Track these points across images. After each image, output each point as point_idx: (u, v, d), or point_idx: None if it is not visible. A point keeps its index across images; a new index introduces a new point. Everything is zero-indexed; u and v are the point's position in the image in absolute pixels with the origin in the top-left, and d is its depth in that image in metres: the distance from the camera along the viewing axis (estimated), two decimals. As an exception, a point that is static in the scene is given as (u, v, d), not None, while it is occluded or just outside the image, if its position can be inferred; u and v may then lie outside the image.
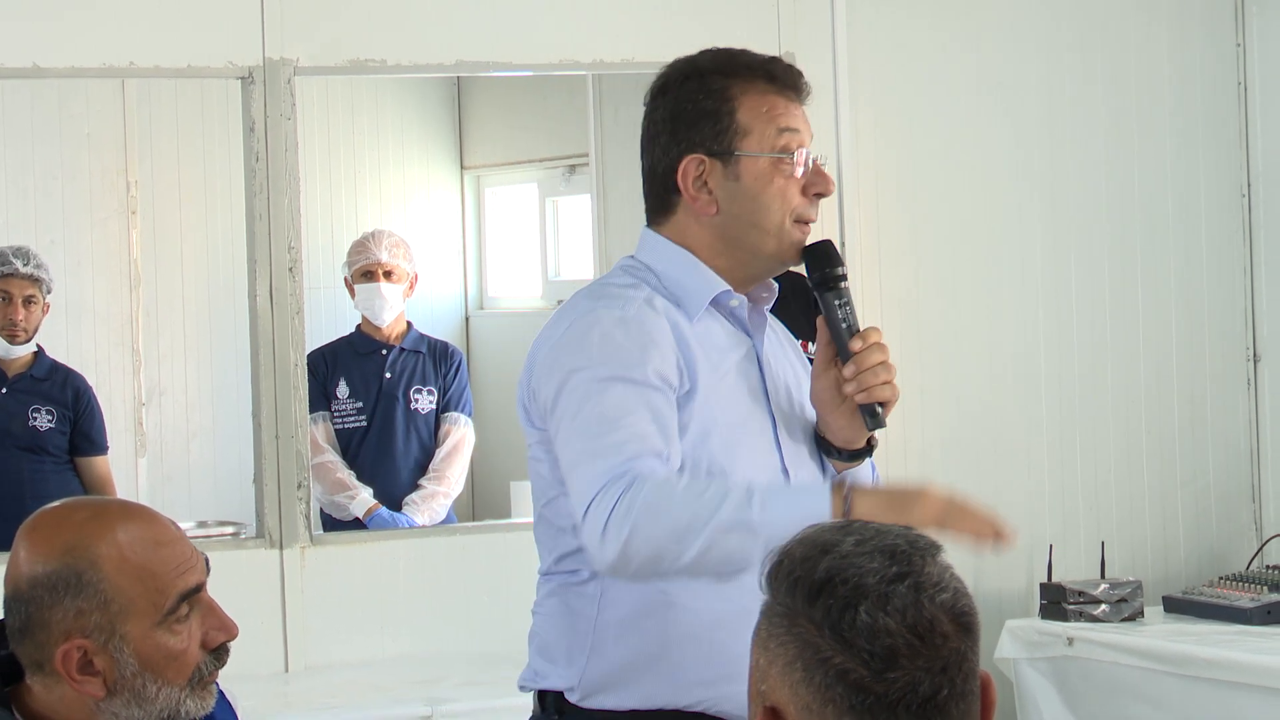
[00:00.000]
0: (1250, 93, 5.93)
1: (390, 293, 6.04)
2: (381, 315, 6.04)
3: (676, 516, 2.65)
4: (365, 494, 5.88)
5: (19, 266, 5.88)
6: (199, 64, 5.09)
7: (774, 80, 2.93)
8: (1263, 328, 5.94)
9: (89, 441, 6.01)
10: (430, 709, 4.65)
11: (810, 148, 2.93)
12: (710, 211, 2.91)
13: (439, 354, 6.14)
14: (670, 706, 2.88)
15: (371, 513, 5.84)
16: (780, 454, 2.94)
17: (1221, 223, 5.94)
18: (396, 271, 6.05)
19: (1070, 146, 5.80)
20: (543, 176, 8.07)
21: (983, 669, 1.81)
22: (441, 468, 6.01)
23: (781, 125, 2.91)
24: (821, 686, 1.75)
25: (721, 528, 2.63)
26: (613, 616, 2.90)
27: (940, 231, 5.67)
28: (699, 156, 2.91)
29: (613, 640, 2.90)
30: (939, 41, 5.68)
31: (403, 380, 6.07)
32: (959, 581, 1.79)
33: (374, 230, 6.23)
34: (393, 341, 6.08)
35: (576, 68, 5.49)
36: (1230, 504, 5.96)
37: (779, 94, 2.92)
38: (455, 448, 6.04)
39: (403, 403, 6.04)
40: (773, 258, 2.93)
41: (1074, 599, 5.35)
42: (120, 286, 7.44)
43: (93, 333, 7.33)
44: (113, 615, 2.31)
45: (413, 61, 5.26)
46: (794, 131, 2.91)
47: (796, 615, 1.77)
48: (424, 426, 6.05)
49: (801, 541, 1.81)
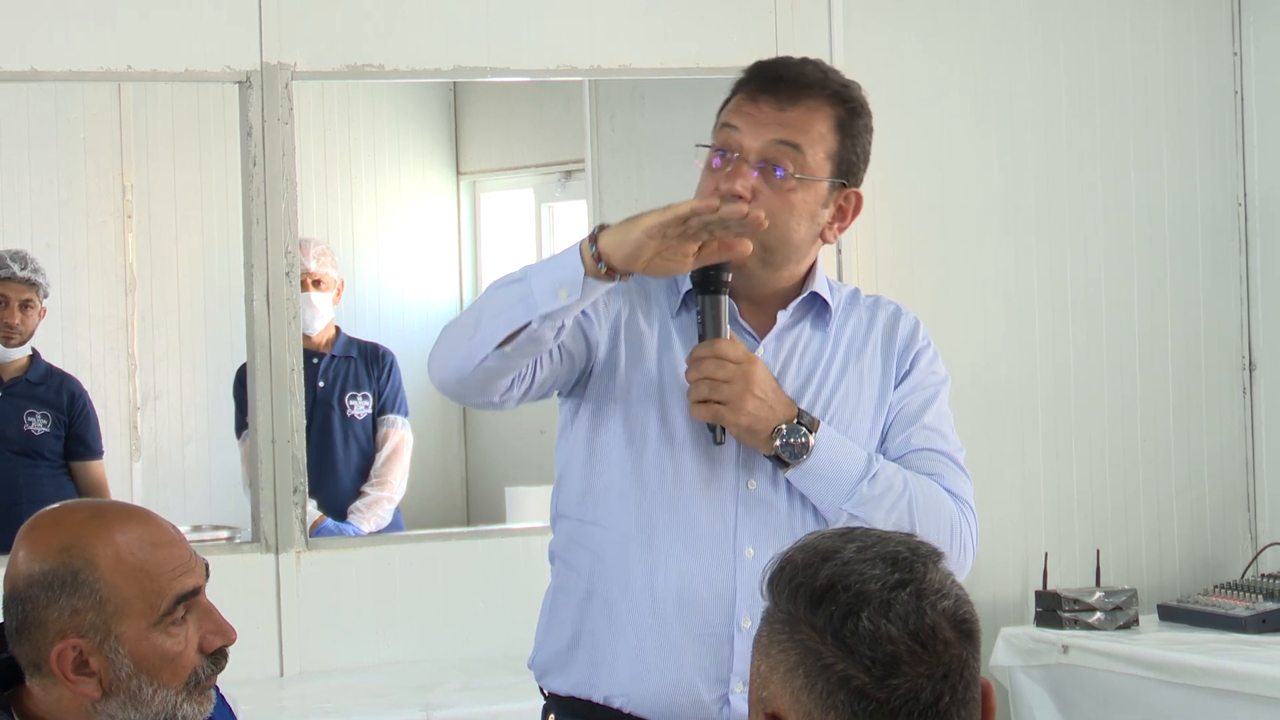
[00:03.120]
0: (1247, 102, 5.94)
1: (320, 301, 6.02)
2: (312, 324, 5.99)
3: (466, 312, 2.80)
4: (310, 506, 5.86)
5: (16, 271, 5.87)
6: (196, 68, 5.08)
7: (755, 79, 2.93)
8: (1258, 336, 5.94)
9: (84, 445, 6.01)
10: (426, 714, 4.64)
11: (759, 149, 2.88)
12: None
13: (370, 357, 6.11)
14: (588, 698, 2.92)
15: (317, 525, 5.78)
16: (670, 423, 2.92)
17: (1217, 231, 5.94)
18: (325, 280, 6.04)
19: (1066, 155, 5.80)
20: (539, 182, 8.06)
21: (983, 676, 1.81)
22: (383, 472, 5.98)
23: (722, 120, 2.94)
24: (823, 693, 1.75)
25: (494, 288, 2.75)
26: (557, 600, 3.00)
27: (934, 239, 5.67)
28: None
29: (553, 623, 3.00)
30: (934, 49, 5.69)
31: (336, 387, 6.03)
32: (960, 589, 1.80)
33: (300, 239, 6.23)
34: (323, 349, 6.05)
35: (573, 74, 5.49)
36: (1225, 512, 5.96)
37: (747, 93, 2.93)
38: (395, 451, 6.01)
39: (338, 410, 6.01)
40: None
41: (1069, 607, 5.35)
42: (116, 290, 7.43)
43: (88, 337, 7.33)
44: (108, 615, 2.31)
45: (410, 67, 5.26)
46: (730, 129, 2.92)
47: (798, 622, 1.77)
48: (361, 432, 6.02)
49: (803, 548, 1.82)
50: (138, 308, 7.43)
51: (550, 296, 2.68)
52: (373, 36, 5.18)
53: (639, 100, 6.56)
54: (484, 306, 2.75)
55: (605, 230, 2.69)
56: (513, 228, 8.22)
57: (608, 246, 2.66)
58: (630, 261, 2.67)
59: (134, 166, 7.44)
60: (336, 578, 5.20)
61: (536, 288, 2.69)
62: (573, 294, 2.67)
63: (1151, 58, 5.89)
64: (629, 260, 2.67)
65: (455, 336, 2.79)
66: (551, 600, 3.03)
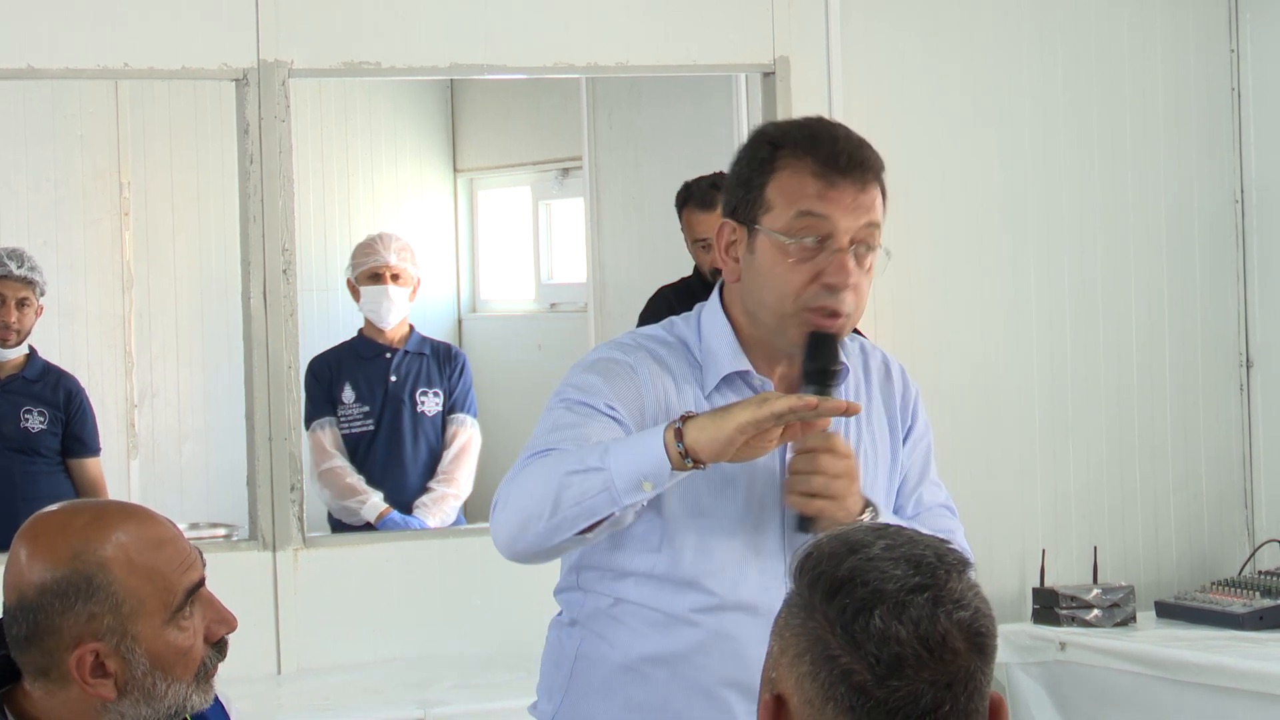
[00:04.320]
0: (1244, 99, 5.94)
1: (397, 295, 6.05)
2: (387, 319, 6.04)
3: (534, 478, 2.71)
4: (376, 498, 5.88)
5: (13, 269, 5.87)
6: (194, 66, 5.08)
7: (823, 161, 2.79)
8: (1255, 333, 5.94)
9: (81, 443, 6.01)
10: (423, 711, 4.64)
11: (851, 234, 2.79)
12: (734, 278, 2.86)
13: (442, 356, 6.15)
14: None
15: (383, 517, 5.84)
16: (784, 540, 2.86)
17: (1215, 228, 5.94)
18: (403, 275, 6.06)
19: (1063, 152, 5.81)
20: (536, 179, 8.07)
21: (995, 691, 1.80)
22: (450, 469, 6.01)
23: (804, 208, 2.78)
24: (825, 684, 1.75)
25: (569, 471, 2.67)
26: (587, 670, 2.92)
27: (933, 236, 5.67)
28: (732, 222, 2.85)
29: (586, 690, 2.92)
30: (932, 47, 5.69)
31: (408, 383, 6.07)
32: (983, 602, 1.79)
33: (380, 233, 6.22)
34: (396, 345, 6.08)
35: (571, 71, 5.49)
36: (1223, 509, 5.96)
37: (822, 176, 2.79)
38: (463, 449, 6.05)
39: (409, 405, 6.04)
40: (779, 338, 2.84)
41: (1066, 604, 5.35)
42: (113, 288, 7.43)
43: (85, 334, 7.33)
44: (124, 617, 2.32)
45: (407, 64, 5.26)
46: (819, 217, 2.78)
47: (813, 609, 1.78)
48: (431, 429, 6.06)
49: (833, 537, 1.82)
50: (135, 305, 7.44)
51: (633, 489, 2.64)
52: (370, 34, 5.18)
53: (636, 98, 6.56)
54: (560, 493, 2.67)
55: (690, 422, 2.63)
56: (510, 225, 8.23)
57: (696, 442, 2.61)
58: (720, 455, 2.63)
59: (131, 164, 7.44)
60: (334, 575, 5.20)
61: (618, 479, 2.64)
62: (657, 486, 2.64)
63: (1149, 56, 5.89)
64: (719, 454, 2.62)
65: (527, 513, 2.73)
66: (574, 665, 2.97)
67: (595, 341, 6.70)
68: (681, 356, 2.89)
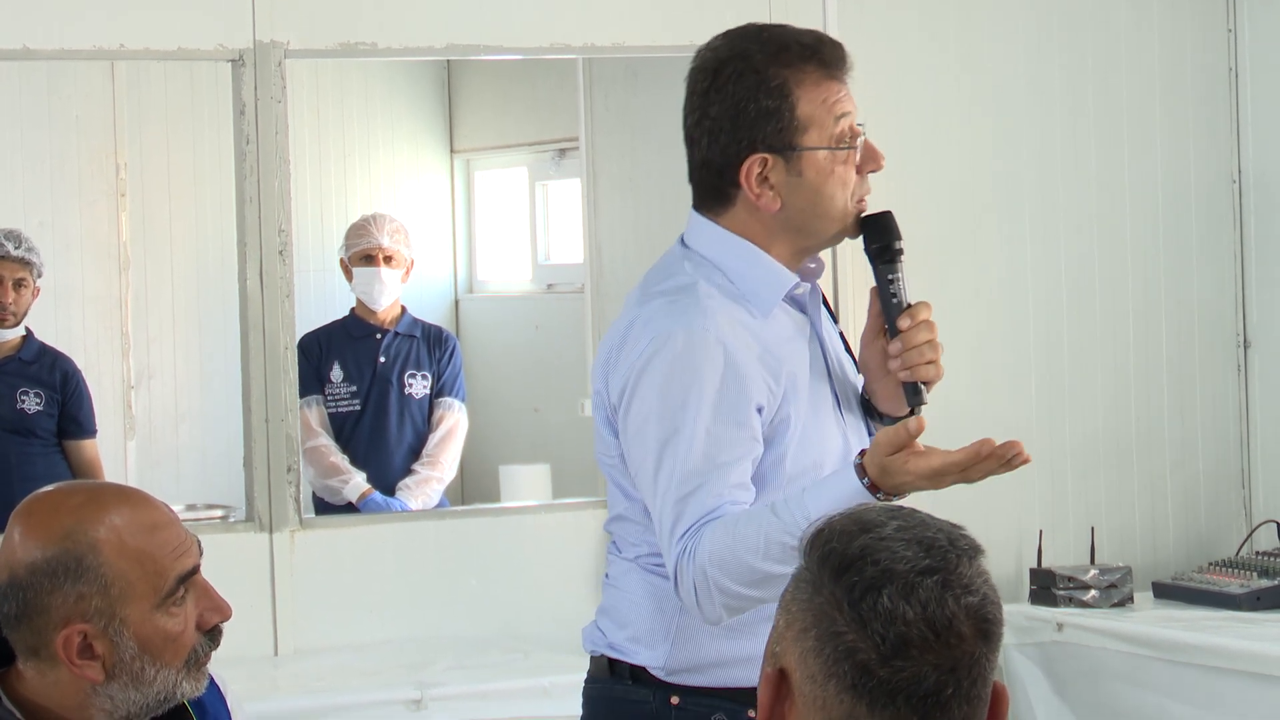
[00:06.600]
0: (1241, 79, 5.93)
1: (389, 277, 6.05)
2: (379, 300, 6.04)
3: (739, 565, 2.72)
4: (359, 478, 5.88)
5: (10, 250, 5.87)
6: (189, 46, 5.07)
7: (825, 65, 2.92)
8: (1253, 314, 5.94)
9: (77, 425, 6.01)
10: (420, 693, 4.64)
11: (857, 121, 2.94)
12: (774, 208, 2.91)
13: (433, 339, 6.15)
14: None
15: (365, 497, 5.85)
16: (844, 429, 2.99)
17: (1212, 209, 5.94)
18: (396, 257, 6.06)
19: (1060, 133, 5.80)
20: (533, 160, 8.05)
21: (998, 681, 1.81)
22: (435, 453, 6.01)
23: (838, 113, 2.91)
24: (829, 660, 1.76)
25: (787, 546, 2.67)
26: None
27: (930, 219, 5.66)
28: (762, 156, 2.89)
29: (698, 634, 2.94)
30: (928, 28, 5.68)
31: (397, 365, 6.07)
32: (991, 589, 1.80)
33: (374, 214, 6.22)
34: (387, 326, 6.08)
35: (567, 51, 5.48)
36: (1220, 490, 5.96)
37: (831, 79, 2.92)
38: (449, 433, 6.05)
39: (396, 387, 6.05)
40: (835, 239, 2.99)
41: (1064, 584, 5.36)
42: (109, 269, 7.42)
43: (81, 316, 7.32)
44: (113, 599, 2.33)
45: (403, 45, 5.26)
46: (848, 115, 2.92)
47: (821, 585, 1.78)
48: (418, 411, 6.06)
49: (846, 515, 1.83)
50: (131, 287, 7.42)
51: None
52: (366, 14, 5.18)
53: (633, 78, 6.55)
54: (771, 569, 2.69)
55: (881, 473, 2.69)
56: (507, 206, 8.21)
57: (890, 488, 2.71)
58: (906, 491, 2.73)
59: (127, 145, 7.43)
60: (331, 557, 5.20)
61: None
62: None
63: (1146, 35, 5.88)
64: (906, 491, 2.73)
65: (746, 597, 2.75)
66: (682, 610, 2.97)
67: (592, 322, 6.69)
68: (729, 296, 2.92)
